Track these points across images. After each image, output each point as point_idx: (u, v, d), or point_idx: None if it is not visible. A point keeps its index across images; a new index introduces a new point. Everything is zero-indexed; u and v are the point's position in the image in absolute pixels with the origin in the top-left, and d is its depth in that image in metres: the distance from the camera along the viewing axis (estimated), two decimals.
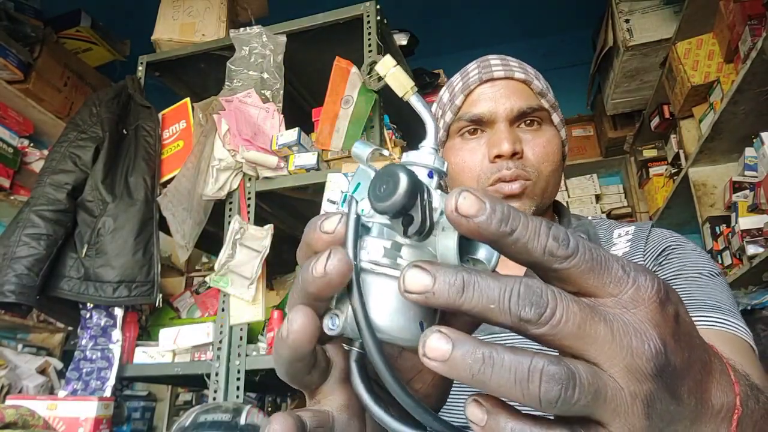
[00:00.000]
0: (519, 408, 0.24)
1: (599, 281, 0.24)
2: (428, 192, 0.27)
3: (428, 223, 0.26)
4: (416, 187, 0.25)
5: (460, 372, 0.22)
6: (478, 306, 0.23)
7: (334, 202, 0.31)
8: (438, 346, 0.23)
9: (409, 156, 0.30)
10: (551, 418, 0.24)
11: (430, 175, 0.29)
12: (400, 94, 0.32)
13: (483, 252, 0.29)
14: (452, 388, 0.37)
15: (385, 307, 0.27)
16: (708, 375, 0.27)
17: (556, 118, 0.78)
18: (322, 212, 0.30)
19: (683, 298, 0.26)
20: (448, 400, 0.37)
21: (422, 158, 0.30)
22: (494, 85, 0.75)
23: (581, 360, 0.23)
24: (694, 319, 0.66)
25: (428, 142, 0.31)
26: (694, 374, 0.26)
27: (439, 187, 0.30)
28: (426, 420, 0.26)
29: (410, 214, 0.26)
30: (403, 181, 0.25)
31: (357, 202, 0.29)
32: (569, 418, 0.24)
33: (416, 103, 0.32)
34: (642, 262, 0.71)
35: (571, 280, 0.24)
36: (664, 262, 0.70)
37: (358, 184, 0.30)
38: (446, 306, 0.23)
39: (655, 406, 0.24)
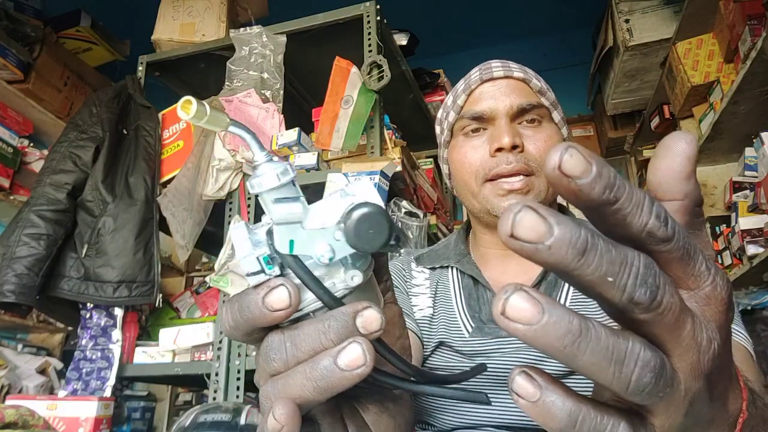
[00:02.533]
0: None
1: (683, 272, 0.23)
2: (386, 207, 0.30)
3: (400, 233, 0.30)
4: (389, 217, 0.29)
5: (551, 341, 0.20)
6: (594, 276, 0.20)
7: (256, 273, 0.31)
8: (524, 307, 0.20)
9: (261, 180, 0.30)
10: (601, 402, 0.24)
11: (293, 183, 0.31)
12: (218, 130, 0.33)
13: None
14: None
15: None
16: (730, 381, 0.27)
17: (556, 116, 0.78)
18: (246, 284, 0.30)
19: None
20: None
21: (270, 176, 0.30)
22: (494, 83, 0.76)
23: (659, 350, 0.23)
24: None
25: (259, 157, 0.31)
26: (724, 378, 0.26)
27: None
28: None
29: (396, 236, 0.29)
30: (387, 220, 0.28)
31: (298, 258, 0.29)
32: (625, 408, 0.23)
33: (236, 130, 0.32)
34: None
35: (662, 264, 0.23)
36: None
37: (291, 241, 0.29)
38: (555, 267, 0.20)
39: (695, 404, 0.23)
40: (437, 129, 0.85)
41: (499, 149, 0.71)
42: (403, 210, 1.51)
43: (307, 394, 0.28)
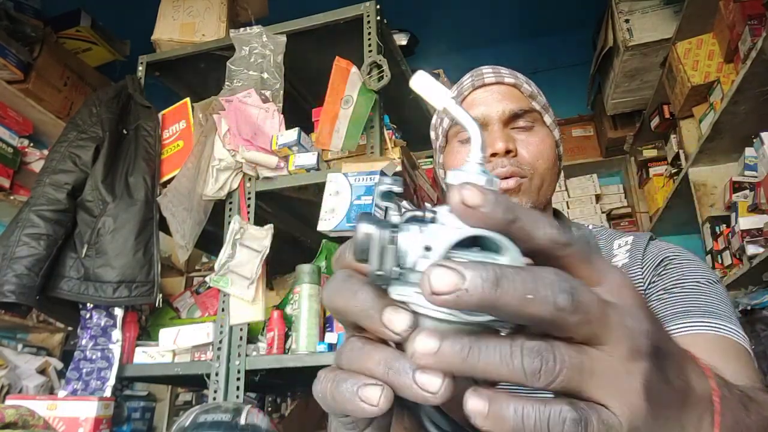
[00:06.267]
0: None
1: (589, 270, 0.26)
2: (392, 235, 0.26)
3: (381, 269, 0.26)
4: (367, 234, 0.26)
5: (451, 359, 0.23)
6: (515, 298, 0.22)
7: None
8: (426, 343, 0.24)
9: (452, 176, 0.28)
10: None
11: None
12: (437, 107, 0.31)
13: None
14: None
15: None
16: (684, 360, 0.29)
17: (548, 119, 0.81)
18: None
19: (683, 306, 0.28)
20: None
21: (460, 177, 0.28)
22: (486, 90, 0.79)
23: (591, 345, 0.24)
24: (692, 324, 0.67)
25: (473, 157, 0.28)
26: (676, 357, 0.28)
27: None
28: None
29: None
30: (356, 229, 0.26)
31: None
32: (568, 396, 0.24)
33: (455, 112, 0.30)
34: (641, 273, 0.73)
35: (570, 268, 0.26)
36: (663, 273, 0.72)
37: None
38: (481, 304, 0.23)
39: (652, 387, 0.25)
40: (432, 134, 0.88)
41: (494, 154, 0.74)
42: (403, 210, 1.51)
43: (320, 400, 0.29)
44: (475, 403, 0.24)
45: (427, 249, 0.26)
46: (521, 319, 0.23)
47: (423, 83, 0.30)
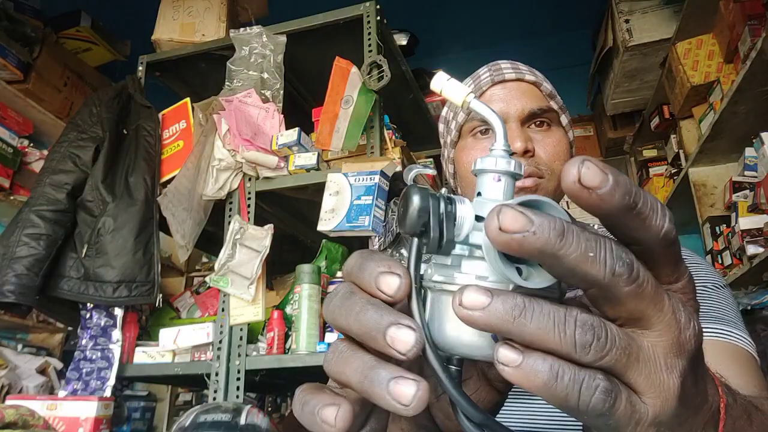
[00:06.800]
0: None
1: (673, 269, 0.26)
2: (447, 205, 0.26)
3: (443, 238, 0.26)
4: (425, 204, 0.26)
5: (501, 317, 0.22)
6: (577, 252, 0.22)
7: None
8: (476, 297, 0.23)
9: (482, 162, 0.29)
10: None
11: (498, 179, 0.29)
12: (458, 104, 0.32)
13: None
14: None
15: (451, 321, 0.27)
16: (704, 367, 0.29)
17: (564, 119, 0.79)
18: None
19: None
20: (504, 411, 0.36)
21: (490, 163, 0.29)
22: (505, 86, 0.76)
23: (639, 328, 0.24)
24: None
25: (498, 145, 0.30)
26: (702, 363, 0.28)
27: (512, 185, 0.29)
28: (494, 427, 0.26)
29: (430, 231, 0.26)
30: (411, 201, 0.26)
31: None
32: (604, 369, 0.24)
33: (478, 107, 0.31)
34: None
35: (657, 261, 0.25)
36: None
37: None
38: (543, 250, 0.22)
39: (686, 387, 0.24)
40: (441, 127, 0.85)
41: (512, 154, 0.71)
42: None
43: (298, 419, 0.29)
44: (506, 353, 0.23)
45: (479, 219, 0.26)
46: (576, 278, 0.23)
47: (443, 82, 0.31)
